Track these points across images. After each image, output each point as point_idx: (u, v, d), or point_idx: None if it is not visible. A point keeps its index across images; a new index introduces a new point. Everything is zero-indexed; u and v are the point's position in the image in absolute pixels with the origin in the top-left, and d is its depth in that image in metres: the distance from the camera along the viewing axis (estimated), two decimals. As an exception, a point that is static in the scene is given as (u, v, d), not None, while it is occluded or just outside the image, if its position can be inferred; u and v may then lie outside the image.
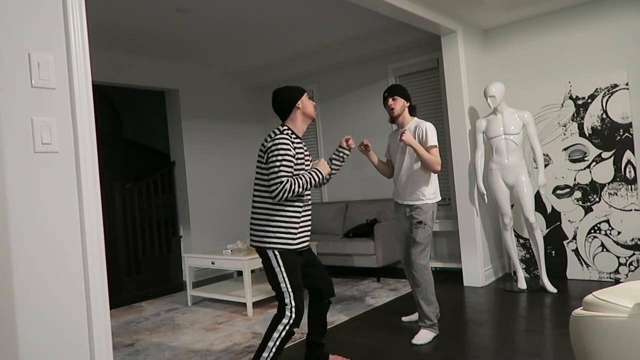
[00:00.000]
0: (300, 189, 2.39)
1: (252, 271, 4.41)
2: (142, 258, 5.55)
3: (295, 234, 2.47)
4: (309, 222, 2.59)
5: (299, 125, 2.58)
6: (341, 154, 2.81)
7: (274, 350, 2.38)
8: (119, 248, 5.35)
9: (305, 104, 2.57)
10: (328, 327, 3.44)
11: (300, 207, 2.50)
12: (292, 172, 2.40)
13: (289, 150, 2.39)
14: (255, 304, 4.19)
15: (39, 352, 1.52)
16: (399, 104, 3.21)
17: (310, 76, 6.29)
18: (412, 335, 3.14)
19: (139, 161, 7.16)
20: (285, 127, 2.53)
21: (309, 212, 2.58)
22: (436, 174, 3.21)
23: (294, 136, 2.51)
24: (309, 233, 2.59)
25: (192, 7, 4.18)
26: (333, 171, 2.79)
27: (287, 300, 2.44)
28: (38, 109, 1.57)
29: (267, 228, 2.45)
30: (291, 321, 2.42)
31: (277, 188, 2.34)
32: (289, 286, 2.44)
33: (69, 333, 1.60)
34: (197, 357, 3.13)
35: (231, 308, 4.33)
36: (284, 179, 2.35)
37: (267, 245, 2.44)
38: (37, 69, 1.57)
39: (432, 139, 3.11)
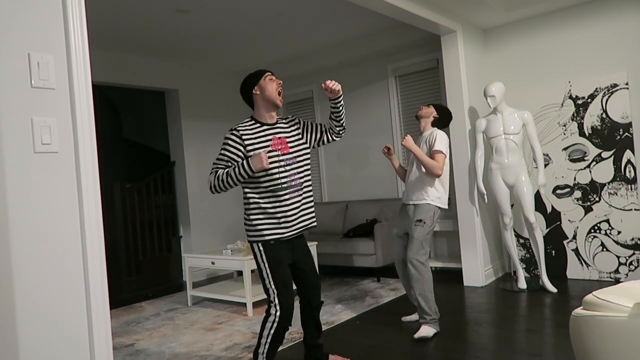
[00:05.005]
0: (218, 182, 2.33)
1: (252, 271, 4.41)
2: (142, 258, 5.55)
3: (276, 224, 2.36)
4: (299, 210, 2.40)
5: (262, 111, 2.40)
6: (334, 104, 2.58)
7: (267, 347, 2.40)
8: (119, 248, 5.35)
9: (263, 86, 2.38)
10: (328, 327, 3.46)
11: (278, 196, 2.34)
12: (224, 165, 2.35)
13: (227, 145, 2.34)
14: (255, 304, 4.18)
15: (39, 352, 1.52)
16: (427, 110, 3.40)
17: (310, 76, 6.28)
18: (412, 335, 3.14)
19: (139, 161, 7.17)
20: (247, 120, 2.44)
21: (298, 199, 2.39)
22: (447, 182, 3.29)
23: (256, 125, 2.38)
24: (300, 219, 2.43)
25: (192, 7, 4.18)
26: (340, 118, 2.59)
27: (271, 298, 2.38)
28: (38, 109, 1.57)
29: (247, 222, 2.40)
30: (277, 319, 2.36)
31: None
32: (272, 283, 2.37)
33: (69, 333, 1.60)
34: (197, 357, 3.12)
35: (231, 308, 4.33)
36: (212, 171, 2.37)
37: (251, 239, 2.41)
38: (37, 69, 1.57)
39: (439, 145, 3.19)
